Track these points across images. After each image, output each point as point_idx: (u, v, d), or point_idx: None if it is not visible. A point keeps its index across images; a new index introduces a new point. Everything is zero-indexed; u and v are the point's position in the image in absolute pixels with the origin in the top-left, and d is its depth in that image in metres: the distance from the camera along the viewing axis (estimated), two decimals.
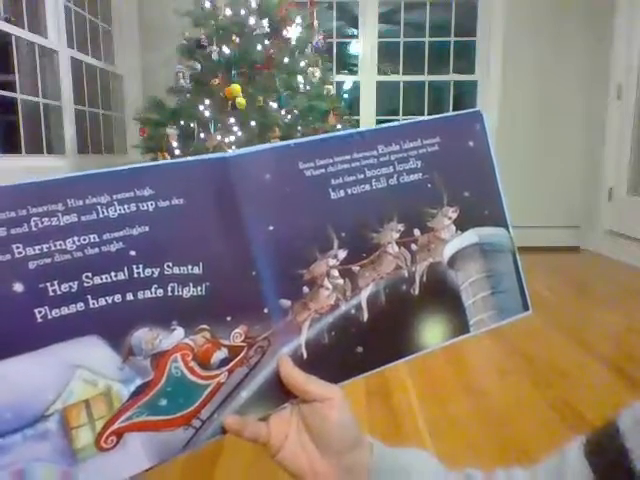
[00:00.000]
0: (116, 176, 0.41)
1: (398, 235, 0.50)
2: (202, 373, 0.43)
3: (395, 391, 1.52)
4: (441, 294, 0.52)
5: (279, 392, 0.46)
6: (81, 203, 0.39)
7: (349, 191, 0.49)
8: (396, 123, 0.52)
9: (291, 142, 0.47)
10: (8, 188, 0.38)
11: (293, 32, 2.78)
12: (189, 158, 0.43)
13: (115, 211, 0.40)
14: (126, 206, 0.41)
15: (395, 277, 0.50)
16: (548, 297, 2.51)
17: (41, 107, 2.81)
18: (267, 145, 0.46)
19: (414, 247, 0.51)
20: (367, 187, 0.49)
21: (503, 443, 1.27)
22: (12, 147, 2.62)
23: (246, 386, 0.45)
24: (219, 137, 2.53)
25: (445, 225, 0.52)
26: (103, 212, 0.40)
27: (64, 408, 0.39)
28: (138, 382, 0.41)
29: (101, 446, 0.40)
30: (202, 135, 2.59)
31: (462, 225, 0.53)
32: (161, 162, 0.43)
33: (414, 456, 0.50)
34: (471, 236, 0.53)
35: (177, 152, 2.55)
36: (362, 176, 0.49)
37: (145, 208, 0.41)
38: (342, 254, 0.48)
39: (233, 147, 2.53)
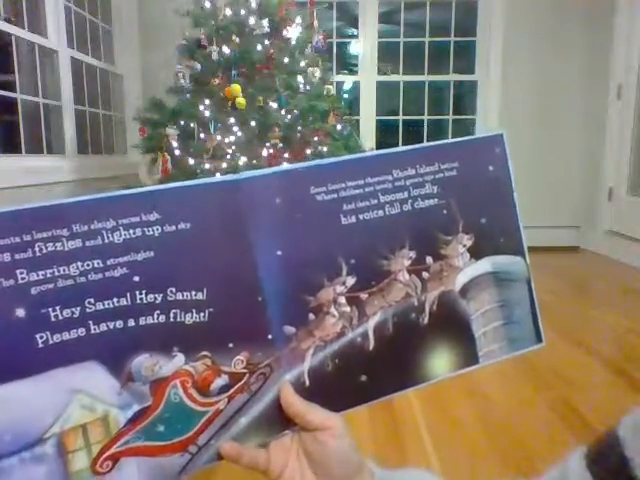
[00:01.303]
0: (123, 200, 0.41)
1: (409, 262, 0.49)
2: (201, 400, 0.43)
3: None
4: (451, 324, 0.51)
5: (279, 419, 0.45)
6: (86, 228, 0.39)
7: (361, 217, 0.47)
8: (413, 146, 0.50)
9: (303, 165, 0.46)
10: (13, 212, 0.37)
11: (293, 32, 2.77)
12: (198, 181, 0.43)
13: (120, 236, 0.40)
14: (132, 231, 0.40)
15: (404, 305, 0.49)
16: (548, 298, 2.51)
17: (41, 107, 2.80)
18: (278, 168, 0.45)
19: (425, 275, 0.50)
20: (380, 213, 0.48)
21: (505, 446, 1.27)
22: (12, 147, 2.61)
23: (246, 412, 0.44)
24: (219, 137, 2.53)
25: (459, 253, 0.51)
26: (108, 237, 0.40)
27: (61, 432, 0.39)
28: (136, 408, 0.41)
29: (96, 470, 0.40)
30: (202, 135, 2.58)
31: (476, 253, 0.51)
32: (169, 185, 0.42)
33: (416, 478, 0.50)
34: (485, 265, 0.52)
35: (177, 152, 2.55)
36: (375, 201, 0.48)
37: (151, 233, 0.41)
38: (350, 281, 0.47)
39: (233, 147, 2.53)
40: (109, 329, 0.40)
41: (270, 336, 0.44)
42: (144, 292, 0.40)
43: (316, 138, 2.68)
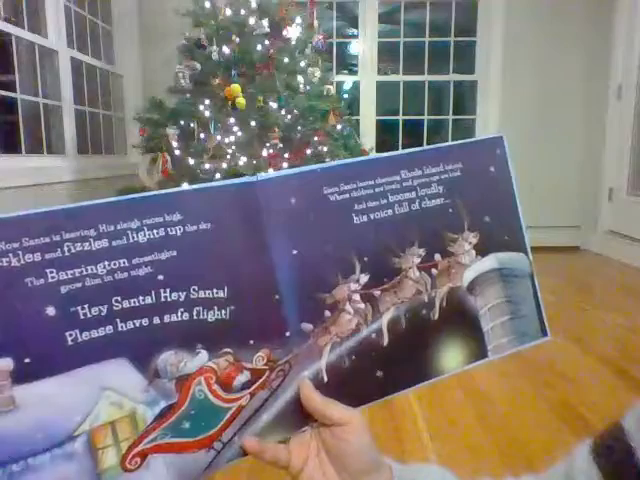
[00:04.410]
0: (147, 201, 0.42)
1: (419, 260, 0.51)
2: (225, 396, 0.44)
3: None
4: (460, 319, 0.52)
5: (299, 415, 0.46)
6: (112, 228, 0.40)
7: (372, 216, 0.49)
8: (419, 148, 0.53)
9: (317, 167, 0.48)
10: (44, 214, 0.39)
11: (293, 32, 2.78)
12: (218, 183, 0.44)
13: (145, 236, 0.41)
14: (155, 231, 0.42)
15: (415, 302, 0.51)
16: (548, 298, 2.51)
17: (41, 107, 2.80)
18: (293, 170, 0.47)
19: (434, 272, 0.51)
20: (390, 212, 0.50)
21: (504, 445, 1.27)
22: (12, 147, 2.61)
23: (267, 409, 0.46)
24: (219, 137, 2.53)
25: (465, 250, 0.53)
26: (133, 237, 0.41)
27: (91, 429, 0.40)
28: (162, 404, 0.42)
29: (125, 467, 0.41)
30: (202, 135, 2.58)
31: (482, 250, 0.53)
32: (191, 187, 0.44)
33: (433, 474, 0.50)
34: (490, 261, 0.53)
35: (177, 152, 2.55)
36: (385, 201, 0.50)
37: (173, 233, 0.42)
38: (364, 278, 0.49)
39: (233, 147, 2.53)
40: (135, 327, 0.41)
41: (288, 333, 0.46)
42: (168, 290, 0.42)
43: (316, 138, 2.68)
